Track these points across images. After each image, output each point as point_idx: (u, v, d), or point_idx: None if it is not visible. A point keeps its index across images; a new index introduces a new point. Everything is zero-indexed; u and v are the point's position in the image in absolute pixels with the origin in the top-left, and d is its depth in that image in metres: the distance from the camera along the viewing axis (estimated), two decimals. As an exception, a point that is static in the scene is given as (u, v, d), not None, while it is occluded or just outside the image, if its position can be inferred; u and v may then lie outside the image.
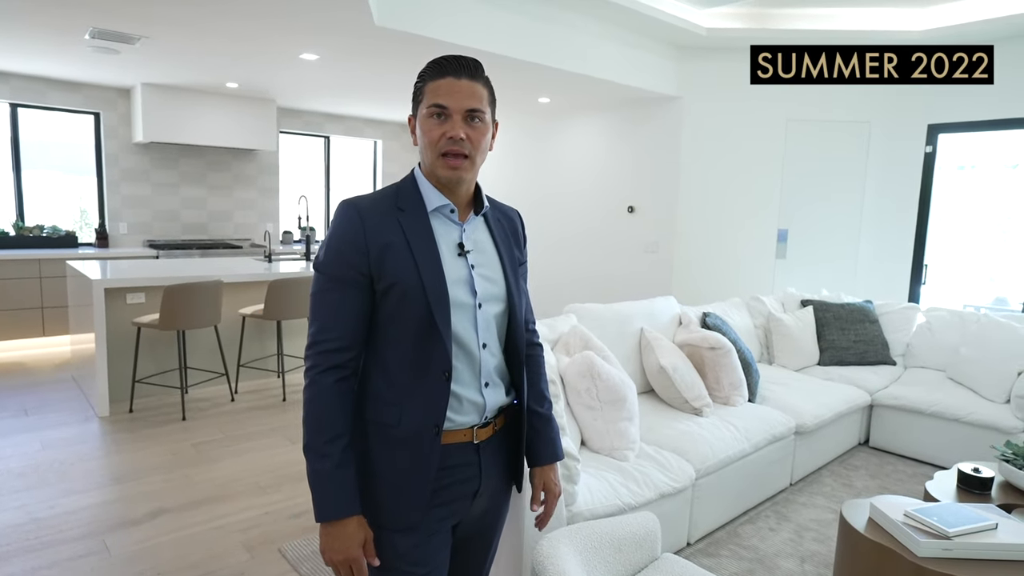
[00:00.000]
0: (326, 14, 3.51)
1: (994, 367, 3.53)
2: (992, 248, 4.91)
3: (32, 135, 5.80)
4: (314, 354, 1.14)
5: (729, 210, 5.44)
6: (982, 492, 2.30)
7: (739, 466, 2.76)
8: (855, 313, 4.19)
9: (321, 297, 1.15)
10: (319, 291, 1.15)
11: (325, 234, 1.20)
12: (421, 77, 1.18)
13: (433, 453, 1.15)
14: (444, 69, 1.13)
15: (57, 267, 5.44)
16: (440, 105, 1.12)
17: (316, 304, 1.15)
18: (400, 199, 1.18)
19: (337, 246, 1.13)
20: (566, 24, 4.48)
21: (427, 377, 1.15)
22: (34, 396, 4.20)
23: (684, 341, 3.22)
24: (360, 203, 1.15)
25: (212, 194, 6.69)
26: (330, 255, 1.14)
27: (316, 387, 1.13)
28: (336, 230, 1.14)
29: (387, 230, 1.13)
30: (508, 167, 7.24)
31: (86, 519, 2.65)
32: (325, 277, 1.14)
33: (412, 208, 1.17)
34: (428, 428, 1.15)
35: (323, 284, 1.15)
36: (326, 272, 1.14)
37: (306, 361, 1.15)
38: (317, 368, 1.14)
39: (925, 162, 5.09)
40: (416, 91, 1.20)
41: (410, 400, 1.15)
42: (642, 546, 1.74)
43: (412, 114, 1.21)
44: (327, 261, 1.14)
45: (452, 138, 1.12)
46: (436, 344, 1.13)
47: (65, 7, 3.51)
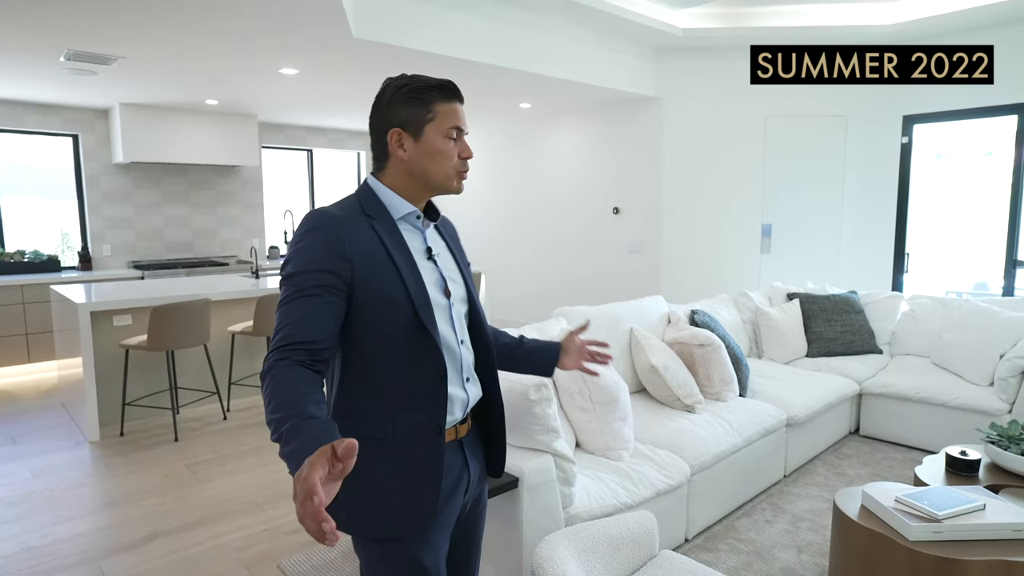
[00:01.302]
0: (304, 29, 3.52)
1: (977, 351, 3.60)
2: (971, 234, 5.00)
3: (9, 159, 5.74)
4: (276, 350, 1.04)
5: (713, 207, 5.50)
6: (970, 474, 2.35)
7: (733, 460, 2.79)
8: (840, 304, 4.25)
9: (288, 306, 1.07)
10: (290, 298, 1.08)
11: (292, 244, 1.12)
12: (424, 94, 1.18)
13: (438, 454, 1.17)
14: (453, 95, 1.21)
15: (40, 292, 5.38)
16: (459, 129, 1.21)
17: (286, 312, 1.07)
18: (365, 208, 1.18)
19: (315, 254, 1.09)
20: (544, 29, 4.52)
21: (421, 380, 1.16)
22: (21, 424, 4.15)
23: (674, 339, 3.25)
24: (333, 212, 1.14)
25: (196, 212, 6.65)
26: (307, 263, 1.08)
27: (275, 369, 1.02)
28: (313, 238, 1.10)
29: (366, 238, 1.13)
30: (492, 173, 7.27)
31: (80, 546, 2.62)
32: (298, 286, 1.08)
33: (380, 216, 1.18)
34: (429, 429, 1.17)
35: (296, 292, 1.08)
36: (302, 281, 1.08)
37: (264, 364, 1.04)
38: (277, 358, 1.04)
39: (902, 152, 5.18)
40: (417, 106, 1.18)
41: (404, 407, 1.16)
42: (640, 544, 1.76)
43: (407, 128, 1.18)
44: (303, 269, 1.08)
45: (467, 158, 1.23)
46: (427, 347, 1.16)
47: (39, 30, 3.48)
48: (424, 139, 1.19)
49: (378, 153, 1.22)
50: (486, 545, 2.04)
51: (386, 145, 1.20)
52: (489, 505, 2.00)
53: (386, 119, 1.19)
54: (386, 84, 1.21)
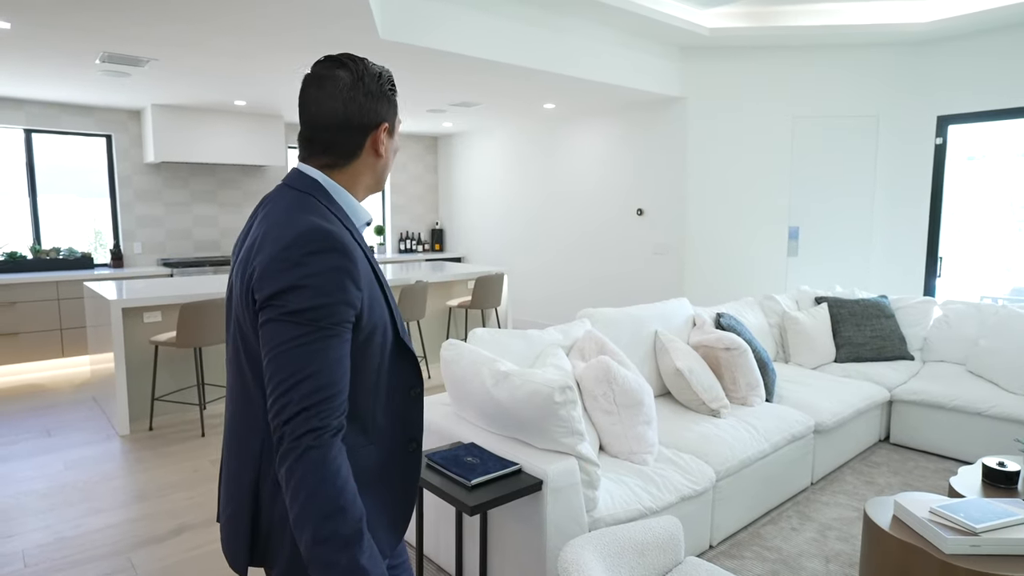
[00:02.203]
0: (331, 30, 3.56)
1: (1015, 358, 3.49)
2: (1007, 238, 4.86)
3: (46, 160, 5.90)
4: (311, 418, 0.89)
5: (739, 209, 5.42)
6: (1008, 486, 2.27)
7: (759, 467, 2.74)
8: (870, 309, 4.16)
9: (308, 351, 0.90)
10: (304, 344, 0.90)
11: (294, 265, 0.92)
12: (393, 86, 1.10)
13: (415, 469, 1.12)
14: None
15: (74, 288, 5.52)
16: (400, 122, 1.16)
17: (299, 361, 0.89)
18: (341, 218, 1.03)
19: (334, 283, 0.92)
20: (569, 30, 4.51)
21: (400, 401, 1.10)
22: (55, 417, 4.26)
23: (699, 342, 3.21)
24: (336, 230, 0.97)
25: (223, 211, 6.76)
26: (326, 297, 0.92)
27: (330, 454, 0.89)
28: (326, 263, 0.93)
29: (360, 257, 1.00)
30: (515, 173, 7.26)
31: (111, 538, 2.68)
32: (315, 326, 0.91)
33: (353, 228, 1.05)
34: (406, 448, 1.11)
35: (313, 335, 0.91)
36: (323, 317, 0.91)
37: (293, 434, 0.88)
38: (327, 430, 0.90)
39: (936, 154, 5.05)
40: (393, 103, 1.10)
41: (386, 431, 1.08)
42: (665, 550, 1.74)
43: (389, 123, 1.09)
44: (322, 304, 0.91)
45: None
46: (406, 364, 1.10)
47: (76, 32, 3.58)
48: (395, 136, 1.12)
49: (343, 149, 1.05)
50: (509, 548, 2.03)
51: (362, 143, 1.06)
52: (512, 507, 2.00)
53: (372, 111, 1.05)
54: (359, 70, 1.04)
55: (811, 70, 5.18)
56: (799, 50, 5.17)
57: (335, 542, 0.87)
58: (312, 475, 0.88)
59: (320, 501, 0.87)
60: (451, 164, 8.27)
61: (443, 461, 1.97)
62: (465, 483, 1.85)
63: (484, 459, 1.99)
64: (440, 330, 5.65)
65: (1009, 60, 4.62)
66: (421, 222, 8.51)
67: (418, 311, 4.79)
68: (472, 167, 7.91)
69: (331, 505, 0.88)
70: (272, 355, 0.91)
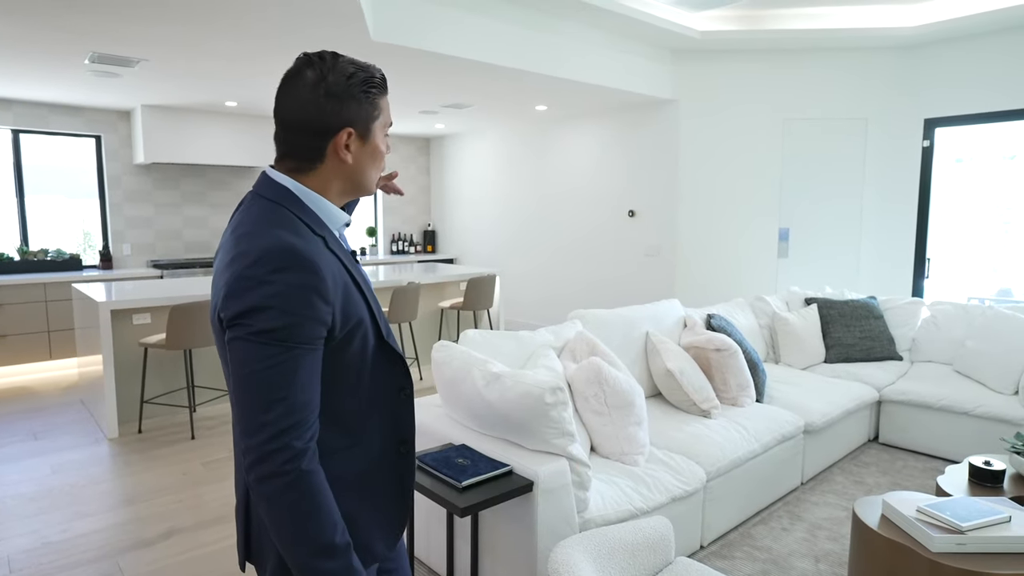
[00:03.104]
0: (323, 31, 3.55)
1: (1001, 359, 3.53)
2: (994, 240, 4.91)
3: (34, 160, 5.85)
4: (292, 440, 0.89)
5: (730, 211, 5.45)
6: (994, 485, 2.30)
7: (749, 467, 2.76)
8: (859, 310, 4.19)
9: (280, 371, 0.89)
10: (276, 364, 0.89)
11: (256, 283, 0.90)
12: (375, 88, 1.03)
13: (409, 470, 1.12)
14: (385, 84, 1.06)
15: (62, 290, 5.47)
16: (391, 124, 1.09)
17: (273, 381, 0.88)
18: (312, 227, 1.00)
19: (300, 301, 0.90)
20: (561, 32, 4.52)
21: (388, 401, 1.09)
22: (43, 420, 4.21)
23: (690, 343, 3.22)
24: (302, 246, 0.93)
25: (214, 212, 6.72)
26: (292, 316, 0.90)
27: (309, 478, 0.90)
28: (290, 281, 0.90)
29: (332, 266, 0.97)
30: (507, 175, 7.27)
31: (99, 542, 2.65)
32: (284, 346, 0.89)
33: (326, 233, 1.02)
34: (397, 448, 1.10)
35: (283, 355, 0.89)
36: (290, 336, 0.90)
37: (275, 455, 0.88)
38: (303, 454, 0.90)
39: (923, 156, 5.10)
40: (367, 102, 1.02)
41: (375, 432, 1.07)
42: (656, 551, 1.74)
43: (356, 127, 1.02)
44: (290, 323, 0.89)
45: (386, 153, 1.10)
46: (392, 364, 1.09)
47: (65, 33, 3.55)
48: (370, 140, 1.04)
49: (306, 153, 1.00)
50: (500, 549, 2.03)
51: (325, 146, 1.00)
52: (503, 508, 2.00)
53: (334, 115, 0.99)
54: (323, 69, 0.99)
55: (801, 73, 5.22)
56: (789, 53, 5.21)
57: (323, 555, 0.91)
58: (295, 495, 0.90)
59: (305, 520, 0.90)
60: (443, 165, 8.27)
61: (434, 463, 1.97)
62: (456, 485, 1.85)
63: (475, 460, 1.99)
64: (432, 332, 5.64)
65: (994, 64, 4.68)
66: (413, 223, 8.50)
67: (410, 312, 4.78)
68: (464, 168, 7.91)
69: (317, 523, 0.91)
70: (242, 376, 0.89)
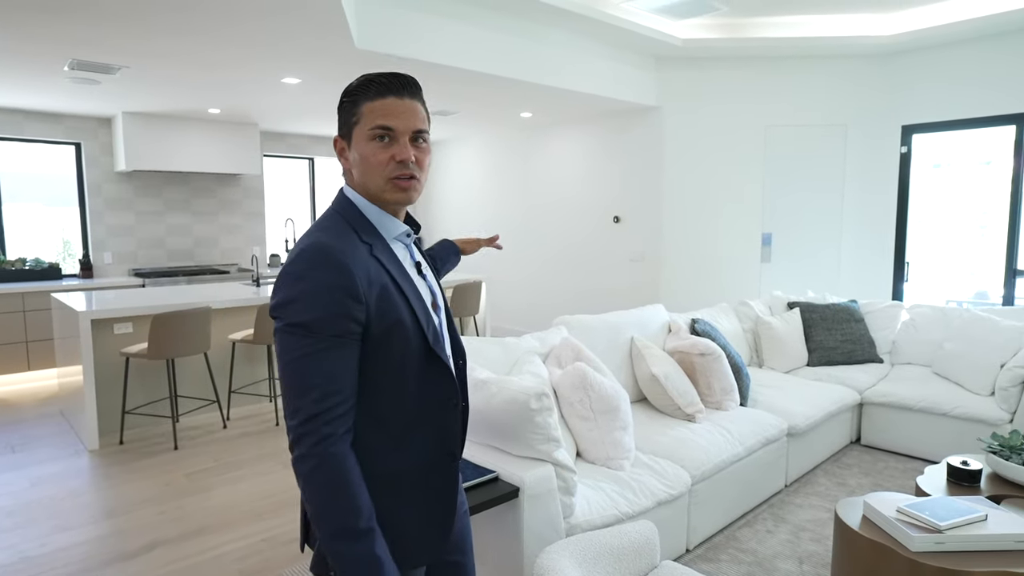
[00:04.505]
0: (307, 39, 3.55)
1: (978, 360, 3.60)
2: (971, 243, 5.01)
3: (11, 167, 5.76)
4: (321, 425, 0.97)
5: (713, 216, 5.51)
6: (971, 484, 2.34)
7: (734, 470, 2.78)
8: (841, 313, 4.25)
9: (312, 361, 0.97)
10: (308, 355, 0.97)
11: (290, 280, 1.00)
12: (351, 95, 1.09)
13: (453, 479, 1.15)
14: (385, 89, 1.07)
15: (41, 300, 5.38)
16: (386, 127, 1.06)
17: (305, 370, 0.97)
18: (361, 233, 1.08)
19: (329, 299, 0.98)
20: (545, 40, 4.56)
21: (433, 408, 1.12)
22: (20, 432, 4.14)
23: (674, 348, 3.25)
24: (337, 247, 1.01)
25: (197, 220, 6.66)
26: (321, 308, 0.97)
27: (334, 460, 0.97)
28: (321, 280, 0.98)
29: (374, 272, 1.04)
30: (493, 182, 7.29)
31: (79, 556, 2.61)
32: (316, 338, 0.97)
33: (375, 240, 1.09)
34: (443, 456, 1.13)
35: (314, 345, 0.97)
36: (321, 329, 0.97)
37: (306, 438, 0.96)
38: (330, 438, 0.97)
39: (901, 162, 5.20)
40: (346, 110, 1.10)
41: (418, 437, 1.10)
42: (641, 554, 1.75)
43: (342, 135, 1.12)
44: (319, 316, 0.97)
45: (402, 161, 1.07)
46: (442, 375, 1.12)
47: (43, 40, 3.51)
48: (354, 145, 1.09)
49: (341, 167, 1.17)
50: (486, 555, 2.03)
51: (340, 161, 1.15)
52: (489, 515, 2.00)
53: (338, 130, 1.14)
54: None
55: (781, 80, 5.30)
56: (770, 60, 5.29)
57: (343, 537, 0.96)
58: (321, 476, 0.97)
59: (329, 500, 0.96)
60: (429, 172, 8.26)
61: (420, 470, 1.97)
62: (442, 492, 1.84)
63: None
64: (418, 338, 5.62)
65: (969, 72, 4.79)
66: (399, 230, 8.48)
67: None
68: (450, 175, 7.92)
69: (338, 504, 0.97)
70: (281, 364, 1.00)
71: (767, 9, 4.64)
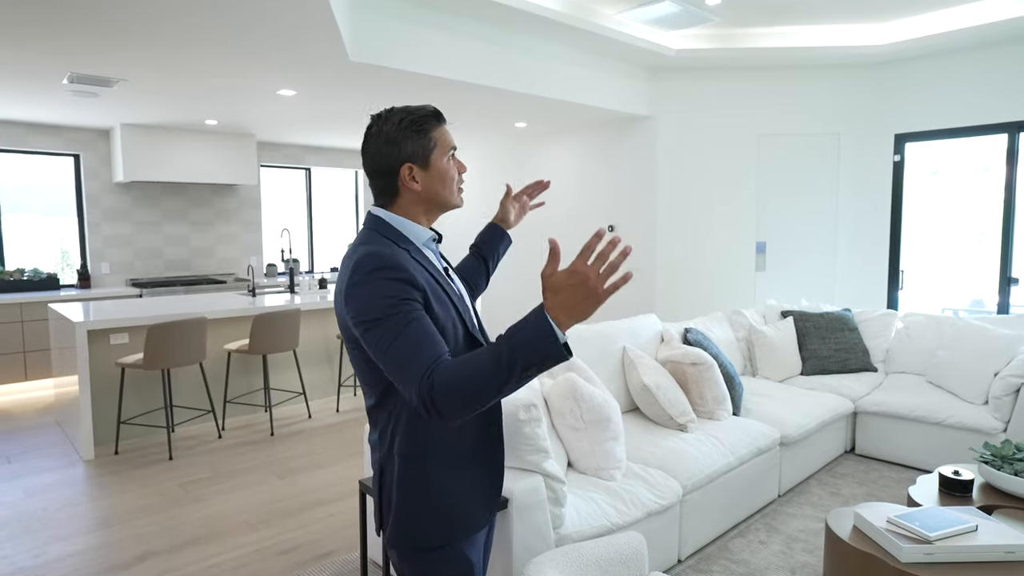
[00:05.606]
0: (301, 52, 3.58)
1: (971, 369, 3.60)
2: (967, 251, 5.03)
3: (12, 179, 5.79)
4: (434, 372, 1.05)
5: (707, 225, 5.53)
6: (963, 494, 2.34)
7: (726, 480, 2.78)
8: (834, 322, 4.26)
9: (404, 334, 1.08)
10: (399, 333, 1.08)
11: (356, 289, 1.12)
12: (420, 127, 1.22)
13: (499, 448, 1.31)
14: (442, 118, 1.28)
15: (39, 310, 5.40)
16: (455, 148, 1.30)
17: (404, 342, 1.08)
18: (397, 241, 1.21)
19: (393, 290, 1.10)
20: (538, 51, 4.59)
21: None
22: (16, 442, 4.14)
23: (666, 358, 3.26)
24: (384, 251, 1.15)
25: (194, 230, 6.69)
26: (390, 297, 1.10)
27: (450, 375, 1.05)
28: (382, 277, 1.11)
29: (417, 267, 1.17)
30: (488, 191, 7.32)
31: (73, 566, 2.61)
32: (398, 317, 1.09)
33: (408, 246, 1.22)
34: (489, 430, 1.28)
35: (400, 324, 1.08)
36: (398, 311, 1.09)
37: (428, 386, 1.04)
38: (437, 367, 1.07)
39: (894, 170, 5.23)
40: (415, 141, 1.22)
41: (467, 420, 1.23)
42: (629, 566, 1.76)
43: (415, 161, 1.23)
44: (391, 302, 1.09)
45: (463, 172, 1.32)
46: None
47: (43, 54, 3.54)
48: (432, 167, 1.25)
49: (386, 190, 1.25)
50: (477, 567, 2.03)
51: (396, 181, 1.23)
52: (479, 526, 2.00)
53: (394, 156, 1.22)
54: (381, 122, 1.23)
55: (774, 89, 5.34)
56: (762, 70, 5.33)
57: (516, 366, 1.01)
58: (453, 399, 1.03)
59: (486, 381, 1.02)
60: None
61: (409, 481, 1.97)
62: (431, 503, 1.85)
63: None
64: (415, 348, 5.63)
65: (961, 81, 4.82)
66: (397, 239, 8.50)
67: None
68: (447, 185, 7.94)
69: (487, 373, 1.02)
70: (381, 354, 1.10)
71: (760, 20, 4.68)
